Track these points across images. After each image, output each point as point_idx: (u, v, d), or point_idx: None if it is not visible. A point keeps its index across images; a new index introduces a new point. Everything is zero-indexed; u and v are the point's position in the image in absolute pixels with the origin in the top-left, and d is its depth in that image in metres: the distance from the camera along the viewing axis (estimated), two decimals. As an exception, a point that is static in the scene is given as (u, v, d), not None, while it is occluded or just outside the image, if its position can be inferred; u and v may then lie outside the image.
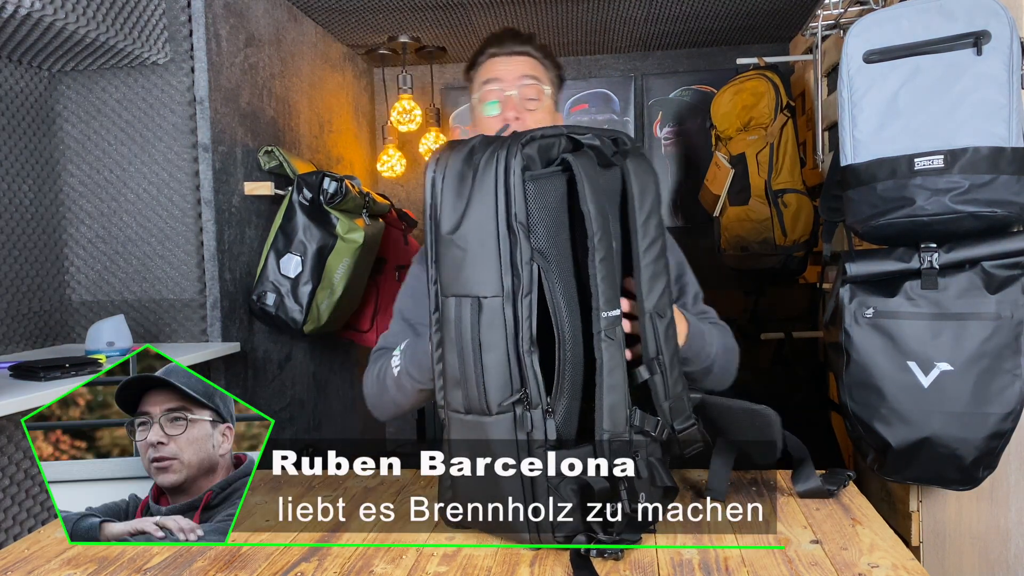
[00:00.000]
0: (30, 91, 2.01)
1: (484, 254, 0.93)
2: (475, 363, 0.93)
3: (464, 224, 0.94)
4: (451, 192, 0.95)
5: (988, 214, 1.47)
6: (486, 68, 1.48)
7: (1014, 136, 1.45)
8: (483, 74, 1.48)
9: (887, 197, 1.53)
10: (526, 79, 1.44)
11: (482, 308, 0.93)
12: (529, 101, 1.44)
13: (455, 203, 0.95)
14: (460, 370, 0.94)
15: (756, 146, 2.72)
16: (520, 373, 0.93)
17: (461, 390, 0.95)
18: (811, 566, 0.91)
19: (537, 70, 1.47)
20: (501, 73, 1.44)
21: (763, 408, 1.11)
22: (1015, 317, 1.51)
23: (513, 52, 1.46)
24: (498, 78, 1.44)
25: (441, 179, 0.96)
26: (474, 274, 0.93)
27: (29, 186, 1.99)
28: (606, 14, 2.98)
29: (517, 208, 0.93)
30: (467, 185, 0.95)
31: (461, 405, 0.95)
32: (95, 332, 1.80)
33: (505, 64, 1.46)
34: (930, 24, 1.51)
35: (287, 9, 2.69)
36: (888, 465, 1.63)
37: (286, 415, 2.53)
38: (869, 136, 1.55)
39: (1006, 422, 1.53)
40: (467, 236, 0.93)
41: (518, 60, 1.47)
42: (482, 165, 0.95)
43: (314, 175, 2.29)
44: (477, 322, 0.93)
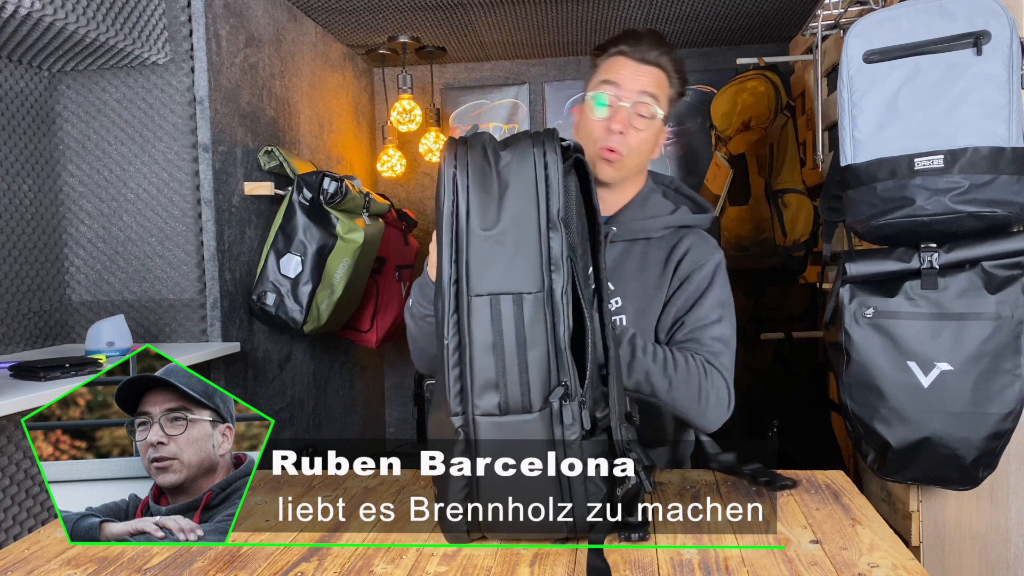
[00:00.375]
0: (30, 91, 2.01)
1: (526, 249, 0.92)
2: (519, 361, 0.92)
3: (503, 219, 0.92)
4: (478, 188, 0.93)
5: (988, 214, 1.47)
6: (611, 65, 1.40)
7: (1014, 136, 1.45)
8: (605, 70, 1.40)
9: (887, 197, 1.53)
10: (645, 96, 1.37)
11: (524, 304, 0.92)
12: (639, 118, 1.37)
13: (484, 199, 0.93)
14: (498, 371, 0.92)
15: (756, 146, 2.72)
16: (559, 367, 0.93)
17: (497, 392, 0.92)
18: (811, 566, 0.91)
19: (660, 87, 1.39)
20: (623, 79, 1.37)
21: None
22: (1015, 317, 1.51)
23: (644, 60, 1.38)
24: (617, 83, 1.37)
25: (464, 175, 0.94)
26: (516, 270, 0.92)
27: (29, 186, 1.99)
28: (606, 14, 2.98)
29: (560, 203, 0.93)
30: (492, 180, 0.93)
31: (495, 407, 0.93)
32: (95, 332, 1.80)
33: (632, 71, 1.38)
34: (930, 24, 1.51)
35: (287, 9, 2.69)
36: (888, 465, 1.63)
37: (286, 415, 2.53)
38: (869, 136, 1.55)
39: (1006, 422, 1.53)
40: (507, 232, 0.92)
41: (646, 71, 1.38)
42: (516, 159, 0.94)
43: (314, 175, 2.29)
44: (521, 319, 0.92)
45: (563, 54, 3.60)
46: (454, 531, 0.98)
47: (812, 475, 1.24)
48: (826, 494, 1.16)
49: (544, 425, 0.94)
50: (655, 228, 1.41)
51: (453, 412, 0.94)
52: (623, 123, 1.36)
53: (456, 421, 0.94)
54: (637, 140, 1.37)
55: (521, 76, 3.70)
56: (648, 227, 1.41)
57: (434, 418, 0.99)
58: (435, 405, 1.00)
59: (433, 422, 1.00)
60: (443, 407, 0.96)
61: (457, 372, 0.94)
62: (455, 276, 0.93)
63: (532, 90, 3.69)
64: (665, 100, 1.40)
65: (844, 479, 1.22)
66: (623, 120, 1.36)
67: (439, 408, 0.98)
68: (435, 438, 0.98)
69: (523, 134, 0.98)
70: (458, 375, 0.94)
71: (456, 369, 0.94)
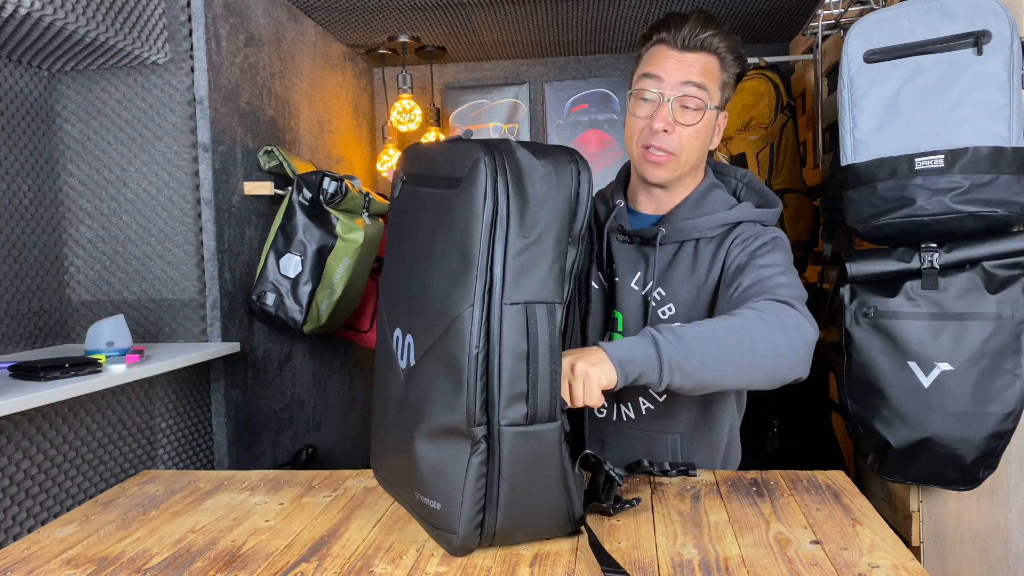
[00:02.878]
0: (30, 91, 2.00)
1: (559, 262, 0.92)
2: (552, 369, 0.91)
3: (542, 230, 0.91)
4: (517, 195, 0.90)
5: (988, 214, 1.47)
6: (653, 56, 1.27)
7: (1014, 136, 1.45)
8: (647, 62, 1.27)
9: (887, 197, 1.53)
10: (690, 87, 1.23)
11: (555, 314, 0.92)
12: (685, 112, 1.23)
13: (522, 207, 0.90)
14: (530, 379, 0.90)
15: (756, 146, 2.72)
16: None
17: (526, 401, 0.91)
18: (811, 566, 0.91)
19: (709, 74, 1.24)
20: (664, 70, 1.23)
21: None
22: (1015, 317, 1.51)
23: (688, 46, 1.23)
24: (658, 76, 1.24)
25: (507, 182, 0.90)
26: (551, 281, 0.92)
27: (29, 186, 1.99)
28: (606, 14, 2.98)
29: (583, 222, 0.95)
30: (530, 188, 0.91)
31: (522, 417, 0.91)
32: (95, 332, 1.80)
33: (675, 61, 1.23)
34: (930, 24, 1.51)
35: (287, 9, 2.69)
36: (888, 465, 1.63)
37: (286, 415, 2.53)
38: (869, 136, 1.55)
39: (1006, 422, 1.53)
40: (547, 243, 0.92)
41: (691, 59, 1.23)
42: (556, 171, 0.93)
43: (314, 175, 2.29)
44: (556, 329, 0.92)
45: (563, 54, 3.60)
46: (467, 542, 0.95)
47: (812, 475, 1.24)
48: (826, 494, 1.15)
49: (560, 431, 0.95)
50: (709, 227, 1.28)
51: (476, 423, 0.90)
52: (666, 121, 1.23)
53: (478, 432, 0.91)
54: (686, 136, 1.24)
55: (521, 76, 3.70)
56: (701, 226, 1.29)
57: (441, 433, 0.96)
58: (424, 426, 0.96)
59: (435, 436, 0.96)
60: (445, 420, 0.93)
61: (483, 383, 0.90)
62: (488, 285, 0.89)
63: (532, 90, 3.69)
64: (717, 86, 1.26)
65: (844, 479, 1.22)
66: (666, 118, 1.23)
67: (438, 422, 0.94)
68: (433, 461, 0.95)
69: (557, 148, 0.97)
70: (484, 385, 0.90)
71: (482, 380, 0.90)
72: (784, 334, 1.07)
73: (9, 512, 1.59)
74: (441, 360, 0.93)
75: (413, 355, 0.98)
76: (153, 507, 1.20)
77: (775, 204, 1.33)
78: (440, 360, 0.93)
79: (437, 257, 0.95)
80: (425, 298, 0.96)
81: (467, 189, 0.91)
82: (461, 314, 0.89)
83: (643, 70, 1.27)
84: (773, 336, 1.07)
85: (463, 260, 0.90)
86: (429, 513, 0.97)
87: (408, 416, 0.99)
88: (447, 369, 0.92)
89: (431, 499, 0.96)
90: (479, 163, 0.90)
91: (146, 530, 1.10)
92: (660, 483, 1.22)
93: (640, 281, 1.34)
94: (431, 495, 0.96)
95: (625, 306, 1.34)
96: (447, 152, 0.98)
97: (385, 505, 1.17)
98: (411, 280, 1.01)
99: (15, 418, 1.60)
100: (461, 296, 0.90)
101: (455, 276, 0.91)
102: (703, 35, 1.23)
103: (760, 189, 1.37)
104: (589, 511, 1.05)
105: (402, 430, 1.00)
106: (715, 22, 1.25)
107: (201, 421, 2.17)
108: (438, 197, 0.97)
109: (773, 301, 1.11)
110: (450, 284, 0.92)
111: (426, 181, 1.01)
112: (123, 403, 1.93)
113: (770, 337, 1.07)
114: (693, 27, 1.23)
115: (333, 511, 1.15)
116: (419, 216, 1.01)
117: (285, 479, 1.31)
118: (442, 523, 0.95)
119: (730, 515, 1.08)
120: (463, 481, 0.92)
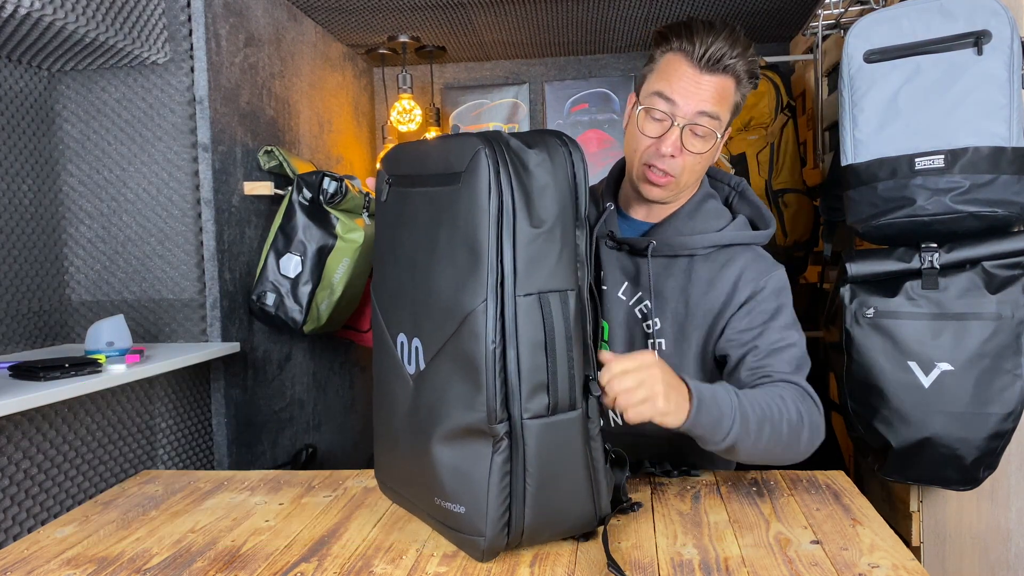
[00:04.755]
0: (30, 91, 2.00)
1: (568, 248, 0.91)
2: (568, 357, 0.90)
3: (548, 218, 0.90)
4: (520, 185, 0.89)
5: (989, 214, 1.47)
6: (668, 67, 1.21)
7: (1015, 136, 1.45)
8: (661, 75, 1.21)
9: (887, 197, 1.53)
10: (704, 116, 1.19)
11: (568, 301, 0.91)
12: (695, 140, 1.20)
13: (526, 197, 0.89)
14: (549, 369, 0.89)
15: (756, 146, 2.72)
16: (586, 362, 0.94)
17: (547, 391, 0.89)
18: (811, 566, 0.91)
19: (723, 100, 1.20)
20: (679, 94, 1.19)
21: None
22: (1015, 317, 1.51)
23: (708, 67, 1.17)
24: (672, 100, 1.19)
25: (509, 173, 0.88)
26: (562, 268, 0.90)
27: (29, 186, 1.99)
28: (606, 14, 2.98)
29: (585, 202, 0.93)
30: (530, 178, 0.90)
31: (544, 408, 0.89)
32: (95, 332, 1.80)
33: (691, 83, 1.18)
34: (930, 24, 1.51)
35: (287, 9, 2.69)
36: (889, 465, 1.63)
37: (286, 415, 2.53)
38: (869, 136, 1.55)
39: (1007, 422, 1.52)
40: (555, 231, 0.90)
41: (708, 82, 1.18)
42: (549, 157, 0.91)
43: (314, 175, 2.29)
44: (570, 316, 0.91)
45: (563, 54, 3.60)
46: (494, 544, 0.92)
47: (812, 475, 1.24)
48: (826, 494, 1.15)
49: (583, 421, 0.93)
50: (700, 245, 1.27)
51: (498, 419, 0.88)
52: (675, 146, 1.20)
53: (500, 429, 0.89)
54: (691, 161, 1.22)
55: (521, 76, 3.70)
56: (691, 244, 1.27)
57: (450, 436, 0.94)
58: (436, 430, 0.94)
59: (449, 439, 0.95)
60: (463, 420, 0.91)
61: (502, 378, 0.88)
62: (500, 278, 0.88)
63: (532, 90, 3.69)
64: (729, 110, 1.22)
65: (844, 479, 1.22)
66: (675, 143, 1.20)
67: (453, 423, 0.92)
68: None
69: (543, 132, 0.95)
70: (503, 380, 0.88)
71: (501, 375, 0.88)
72: (808, 432, 1.16)
73: (9, 512, 1.59)
74: (455, 359, 0.91)
75: (423, 359, 0.96)
76: (153, 507, 1.20)
77: (767, 224, 1.32)
78: (454, 360, 0.91)
79: (441, 256, 0.93)
80: (430, 299, 0.94)
81: (469, 183, 0.88)
82: (474, 310, 0.87)
83: (656, 84, 1.22)
84: (800, 435, 1.15)
85: (471, 255, 0.88)
86: (452, 518, 0.94)
87: (421, 421, 0.96)
88: (462, 368, 0.90)
89: (454, 503, 0.93)
90: (479, 155, 0.87)
91: (146, 530, 1.10)
92: (660, 483, 1.22)
93: (628, 291, 1.32)
94: (453, 499, 0.93)
95: (611, 316, 1.32)
96: (440, 148, 0.96)
97: (385, 505, 1.17)
98: (412, 283, 0.99)
99: (15, 418, 1.60)
100: (472, 292, 0.88)
101: (463, 272, 0.89)
102: (727, 59, 1.17)
103: (752, 200, 1.36)
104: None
105: (415, 436, 0.98)
106: (741, 41, 1.19)
107: (201, 421, 2.17)
108: (435, 195, 0.94)
109: (803, 392, 1.18)
110: (458, 281, 0.90)
111: (418, 181, 0.99)
112: (123, 403, 1.93)
113: (799, 436, 1.15)
114: (718, 46, 1.17)
115: (333, 511, 1.15)
116: (414, 217, 0.99)
117: (285, 479, 1.31)
118: (467, 527, 0.92)
119: (730, 515, 1.08)
120: (487, 481, 0.90)
